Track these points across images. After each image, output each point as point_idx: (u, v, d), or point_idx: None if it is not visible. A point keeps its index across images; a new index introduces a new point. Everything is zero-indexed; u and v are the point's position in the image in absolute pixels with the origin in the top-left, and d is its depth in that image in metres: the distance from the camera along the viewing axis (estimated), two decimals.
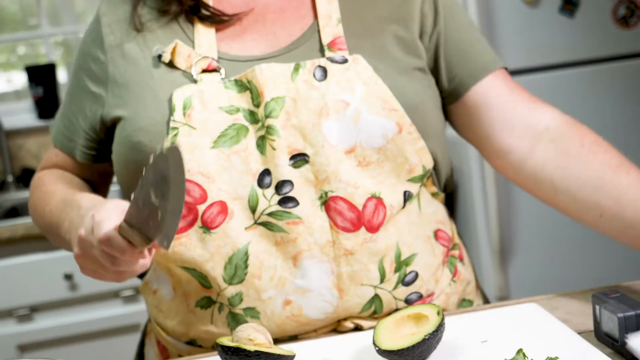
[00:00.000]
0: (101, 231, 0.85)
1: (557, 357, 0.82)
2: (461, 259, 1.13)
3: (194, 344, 1.05)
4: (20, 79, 2.97)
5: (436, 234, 1.07)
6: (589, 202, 1.03)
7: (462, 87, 1.09)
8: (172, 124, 0.98)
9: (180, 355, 1.07)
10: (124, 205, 0.89)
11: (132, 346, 2.28)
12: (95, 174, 1.17)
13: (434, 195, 1.09)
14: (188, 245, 0.98)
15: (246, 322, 0.99)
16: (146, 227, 0.83)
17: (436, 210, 1.09)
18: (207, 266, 0.98)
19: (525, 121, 1.08)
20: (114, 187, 1.23)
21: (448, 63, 1.09)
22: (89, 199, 0.99)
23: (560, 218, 1.19)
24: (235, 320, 1.00)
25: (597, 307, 0.89)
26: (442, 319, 0.88)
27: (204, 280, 1.00)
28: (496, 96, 1.09)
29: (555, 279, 2.43)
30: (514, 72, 2.25)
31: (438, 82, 1.10)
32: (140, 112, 1.01)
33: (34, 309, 2.27)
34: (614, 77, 2.44)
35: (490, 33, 2.35)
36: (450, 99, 1.11)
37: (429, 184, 1.08)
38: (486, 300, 1.21)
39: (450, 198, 1.18)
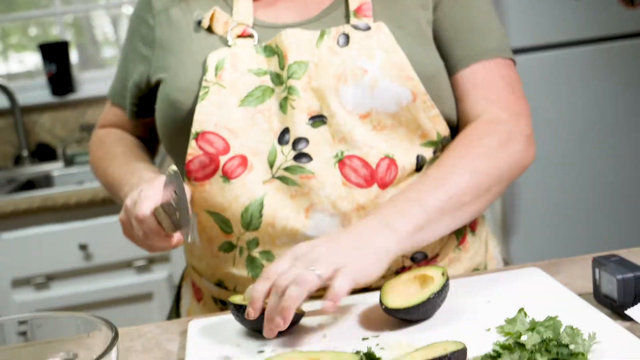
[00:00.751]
0: (139, 210, 0.95)
1: (556, 317, 0.84)
2: (472, 230, 1.14)
3: (221, 286, 1.10)
4: (32, 59, 2.99)
5: None
6: None
7: (454, 68, 1.09)
8: (203, 83, 1.03)
9: (213, 297, 1.13)
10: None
11: (144, 314, 2.32)
12: (147, 131, 1.24)
13: None
14: (210, 191, 1.04)
15: (262, 265, 1.04)
16: (174, 217, 0.95)
17: None
18: (227, 213, 1.03)
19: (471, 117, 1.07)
20: None
21: (447, 40, 1.08)
22: (148, 171, 1.08)
23: (561, 194, 1.20)
24: (253, 263, 1.05)
25: (597, 270, 0.91)
26: (447, 280, 0.90)
27: (225, 225, 1.04)
28: (472, 87, 1.07)
29: (555, 252, 2.45)
30: (519, 51, 2.26)
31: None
32: (179, 72, 1.07)
33: (51, 278, 2.30)
34: (618, 56, 2.44)
35: (497, 12, 2.35)
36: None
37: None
38: None
39: None
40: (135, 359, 0.94)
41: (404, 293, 0.91)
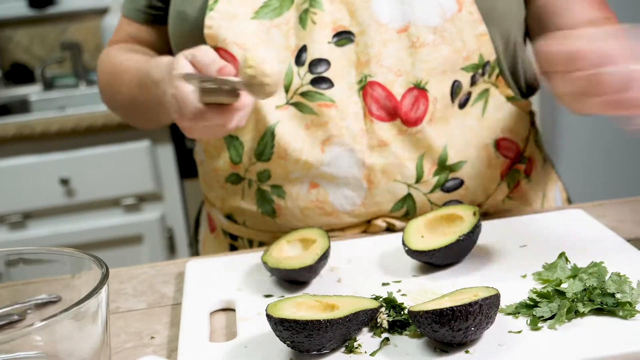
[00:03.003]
0: (188, 110, 0.87)
1: (601, 263, 0.84)
2: (527, 174, 1.12)
3: (231, 219, 1.12)
4: None
5: (498, 143, 1.06)
6: None
7: None
8: None
9: (223, 229, 1.14)
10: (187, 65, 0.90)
11: (133, 259, 2.34)
12: (164, 42, 1.18)
13: (510, 99, 1.07)
14: None
15: (272, 200, 1.05)
16: (226, 86, 0.86)
17: (507, 116, 1.07)
18: (242, 138, 1.03)
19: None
20: None
21: None
22: (163, 58, 1.00)
23: (601, 137, 1.20)
24: (263, 198, 1.05)
25: None
26: (478, 220, 0.91)
27: (236, 153, 1.05)
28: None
29: (600, 195, 2.47)
30: None
31: None
32: None
33: (27, 216, 2.32)
34: None
35: None
36: None
37: (502, 85, 1.06)
38: None
39: None
40: (126, 303, 0.95)
41: (429, 234, 0.92)
